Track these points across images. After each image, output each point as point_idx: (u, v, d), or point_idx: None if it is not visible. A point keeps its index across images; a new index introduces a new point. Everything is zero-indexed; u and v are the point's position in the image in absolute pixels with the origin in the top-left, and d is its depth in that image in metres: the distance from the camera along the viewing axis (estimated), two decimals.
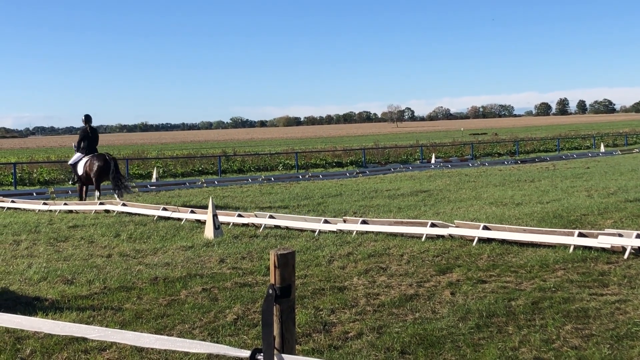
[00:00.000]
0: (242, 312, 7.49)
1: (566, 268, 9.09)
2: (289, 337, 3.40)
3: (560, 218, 13.59)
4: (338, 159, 41.32)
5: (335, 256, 10.58)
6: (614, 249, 9.89)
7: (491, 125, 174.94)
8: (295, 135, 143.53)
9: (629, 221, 12.89)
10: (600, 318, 6.76)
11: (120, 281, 9.23)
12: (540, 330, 6.44)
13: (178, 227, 14.50)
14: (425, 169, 34.29)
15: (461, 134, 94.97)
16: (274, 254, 3.42)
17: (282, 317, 3.39)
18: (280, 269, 3.39)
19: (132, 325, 7.11)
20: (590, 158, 39.29)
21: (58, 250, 12.18)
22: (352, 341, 6.32)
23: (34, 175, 31.46)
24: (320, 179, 29.66)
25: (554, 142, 54.56)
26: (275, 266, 3.39)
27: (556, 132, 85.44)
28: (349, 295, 8.07)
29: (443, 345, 6.10)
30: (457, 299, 7.75)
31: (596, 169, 28.43)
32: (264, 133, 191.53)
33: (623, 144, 56.11)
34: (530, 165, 34.86)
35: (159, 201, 19.91)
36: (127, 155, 48.63)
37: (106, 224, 15.23)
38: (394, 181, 26.31)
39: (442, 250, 10.73)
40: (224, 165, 36.09)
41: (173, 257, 11.00)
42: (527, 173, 27.89)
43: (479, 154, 46.71)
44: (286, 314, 3.40)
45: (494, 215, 14.36)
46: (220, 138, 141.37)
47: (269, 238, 12.65)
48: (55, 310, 7.80)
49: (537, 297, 7.61)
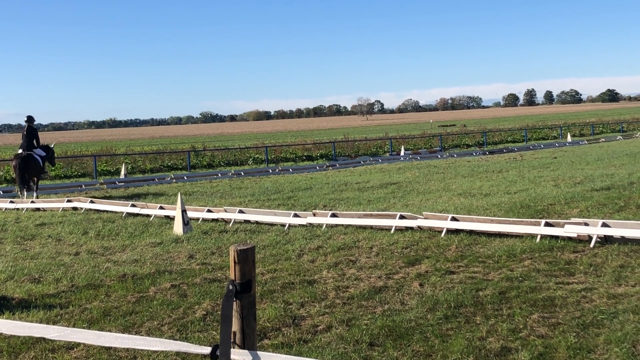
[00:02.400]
0: (212, 307, 7.46)
1: (533, 257, 9.18)
2: (249, 332, 3.39)
3: (527, 208, 13.72)
4: (308, 152, 41.30)
5: (305, 250, 10.58)
6: (580, 237, 10.00)
7: (460, 116, 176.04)
8: (266, 129, 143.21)
9: (595, 210, 13.05)
10: (567, 307, 6.84)
11: (88, 279, 9.14)
12: (508, 319, 6.49)
13: (147, 223, 14.40)
14: (395, 161, 34.42)
15: (430, 126, 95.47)
16: (234, 250, 3.40)
17: (243, 312, 3.38)
18: (240, 264, 3.38)
19: (100, 323, 7.05)
20: (557, 148, 39.71)
21: (25, 249, 12.03)
22: (321, 334, 6.33)
23: (1, 173, 31.00)
24: (290, 172, 29.63)
25: (521, 133, 55.05)
26: (235, 262, 3.38)
27: (524, 122, 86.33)
28: (318, 289, 8.07)
29: (412, 336, 6.13)
30: (426, 290, 7.79)
31: (563, 159, 28.75)
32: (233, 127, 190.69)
33: (589, 133, 56.83)
34: (498, 156, 35.13)
35: (128, 198, 19.73)
36: (95, 151, 48.22)
37: (74, 222, 15.08)
38: (364, 174, 26.37)
39: (411, 242, 10.77)
40: (193, 161, 35.90)
41: (142, 254, 10.92)
42: (495, 164, 28.12)
43: (448, 145, 46.98)
44: (247, 310, 3.39)
45: (462, 206, 14.46)
46: (189, 133, 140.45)
47: (238, 233, 12.61)
48: (22, 309, 7.71)
49: (505, 287, 7.68)
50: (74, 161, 36.91)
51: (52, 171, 31.98)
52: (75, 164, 35.78)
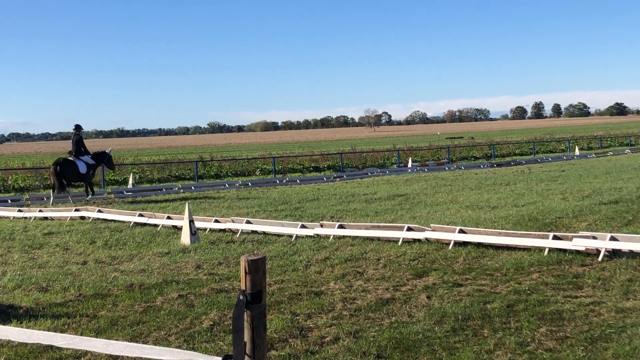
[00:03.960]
0: (219, 318, 7.46)
1: (541, 271, 9.15)
2: (259, 342, 3.39)
3: (535, 221, 13.68)
4: (315, 163, 41.32)
5: (312, 261, 10.57)
6: (588, 251, 9.97)
7: (467, 129, 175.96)
8: (273, 140, 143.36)
9: (603, 224, 13.01)
10: (575, 320, 6.82)
11: (95, 288, 9.16)
12: (515, 333, 6.47)
13: (154, 233, 14.41)
14: (402, 173, 34.37)
15: (438, 138, 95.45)
16: (244, 260, 3.41)
17: (253, 323, 3.38)
18: (251, 274, 3.38)
19: (107, 332, 7.06)
20: (565, 161, 39.62)
21: (33, 258, 12.06)
22: (328, 346, 6.32)
23: (9, 182, 31.07)
24: (297, 183, 29.63)
25: (529, 146, 54.94)
26: (246, 272, 3.38)
27: (531, 135, 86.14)
28: (325, 300, 8.07)
29: (419, 348, 6.12)
30: (433, 302, 7.77)
31: (571, 172, 28.67)
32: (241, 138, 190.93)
33: (597, 147, 56.68)
34: (506, 168, 35.07)
35: (135, 208, 19.77)
36: None
37: (81, 231, 15.11)
38: (371, 185, 26.35)
39: (419, 254, 10.76)
40: (201, 171, 35.94)
41: (149, 264, 10.93)
42: (503, 176, 28.07)
43: (456, 157, 46.95)
44: (257, 320, 3.39)
45: (470, 219, 14.43)
46: (197, 143, 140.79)
47: (245, 243, 12.62)
48: (30, 318, 7.72)
49: (512, 300, 7.66)
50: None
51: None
52: None
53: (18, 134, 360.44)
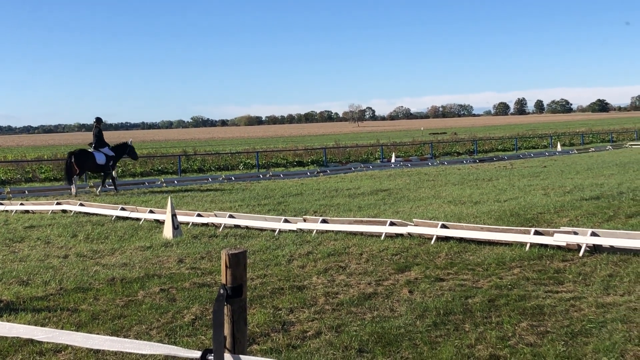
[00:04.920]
0: (200, 312, 7.45)
1: (522, 266, 9.20)
2: (240, 337, 3.39)
3: (517, 216, 13.76)
4: (299, 158, 41.32)
5: (295, 255, 10.57)
6: (569, 246, 10.04)
7: (451, 124, 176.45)
8: (257, 135, 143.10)
9: (584, 219, 13.10)
10: (555, 315, 6.86)
11: (76, 282, 9.11)
12: (496, 327, 6.51)
13: (136, 227, 14.36)
14: (386, 168, 34.44)
15: (421, 134, 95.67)
16: (225, 254, 3.40)
17: (234, 317, 3.37)
18: (231, 268, 3.37)
19: (89, 326, 7.02)
20: (547, 157, 39.84)
21: (14, 251, 11.98)
22: (310, 340, 6.32)
23: None
24: (281, 178, 29.63)
25: (511, 142, 55.23)
26: (227, 266, 3.37)
27: (514, 131, 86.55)
28: (308, 295, 8.07)
29: (401, 343, 6.14)
30: (415, 297, 7.80)
31: (553, 168, 28.85)
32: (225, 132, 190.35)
33: (579, 143, 57.04)
34: (489, 164, 35.22)
35: (118, 201, 19.68)
36: None
37: (63, 224, 15.02)
38: (355, 180, 26.38)
39: (401, 248, 10.78)
40: (184, 165, 35.85)
41: (131, 258, 10.89)
42: (485, 172, 28.19)
43: (439, 153, 47.10)
44: (237, 314, 3.38)
45: (452, 214, 14.49)
46: (180, 137, 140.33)
47: (228, 238, 12.60)
48: (10, 311, 7.68)
49: (494, 295, 7.70)
50: (64, 164, 36.68)
51: (42, 173, 31.91)
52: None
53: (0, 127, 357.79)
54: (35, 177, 31.36)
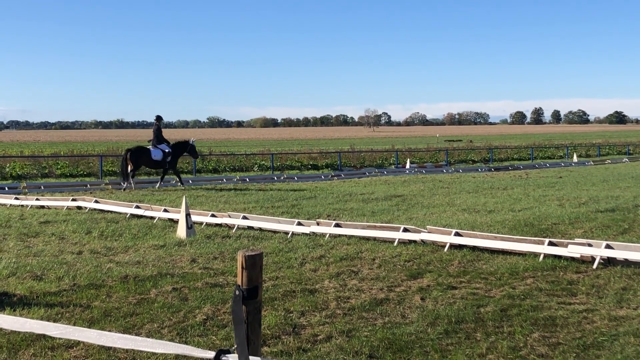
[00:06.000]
0: (212, 312, 7.47)
1: (535, 276, 9.16)
2: (254, 338, 3.40)
3: (531, 226, 13.70)
4: (314, 161, 41.29)
5: (307, 259, 10.58)
6: (583, 258, 9.99)
7: (466, 132, 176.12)
8: (272, 137, 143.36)
9: (599, 231, 13.02)
10: (568, 327, 6.83)
11: (90, 278, 9.16)
12: (508, 337, 6.49)
13: (150, 225, 14.41)
14: (400, 174, 34.37)
15: (436, 140, 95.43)
16: (242, 255, 3.41)
17: (248, 318, 3.38)
18: (247, 270, 3.38)
19: (101, 323, 7.06)
20: (563, 168, 39.62)
21: (28, 246, 12.06)
22: (321, 344, 6.33)
23: (7, 169, 31.09)
24: (295, 180, 29.63)
25: (527, 151, 54.96)
26: (243, 267, 3.38)
27: (530, 141, 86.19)
28: (319, 298, 8.07)
29: (411, 350, 6.13)
30: (427, 304, 7.78)
31: (568, 179, 28.68)
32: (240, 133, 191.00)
33: (596, 154, 56.71)
34: (504, 173, 35.07)
35: (132, 199, 19.76)
36: (102, 151, 48.40)
37: (78, 221, 15.11)
38: (369, 185, 26.36)
39: (414, 255, 10.77)
40: (199, 165, 35.91)
41: (144, 256, 10.93)
42: (500, 181, 28.07)
43: (454, 160, 46.96)
44: (252, 316, 3.39)
45: (466, 222, 14.44)
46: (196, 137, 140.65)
47: (241, 239, 12.62)
48: (23, 306, 7.73)
49: (506, 305, 7.67)
50: (80, 160, 36.96)
51: (59, 169, 32.12)
52: (81, 163, 35.80)
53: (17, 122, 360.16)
54: (52, 173, 31.57)
